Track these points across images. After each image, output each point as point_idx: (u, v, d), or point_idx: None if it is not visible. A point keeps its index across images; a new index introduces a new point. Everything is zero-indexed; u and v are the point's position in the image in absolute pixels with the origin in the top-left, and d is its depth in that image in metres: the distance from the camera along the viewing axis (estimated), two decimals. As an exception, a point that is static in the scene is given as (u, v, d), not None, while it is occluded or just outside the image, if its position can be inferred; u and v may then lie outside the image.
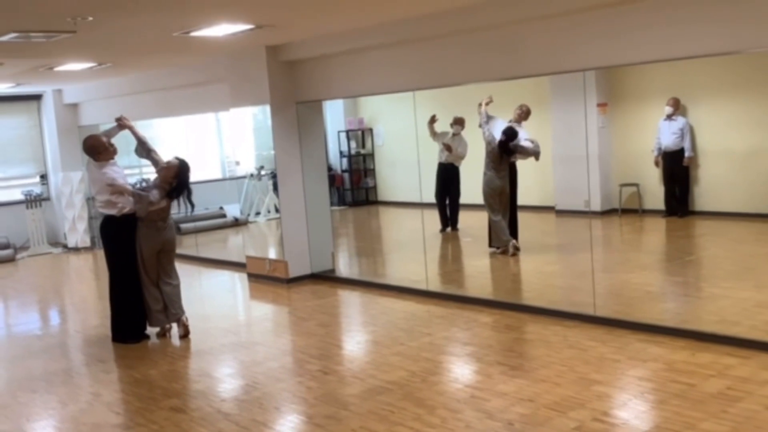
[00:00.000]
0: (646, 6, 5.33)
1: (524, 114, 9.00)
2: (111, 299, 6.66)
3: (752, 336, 5.32)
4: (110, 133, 6.77)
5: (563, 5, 5.69)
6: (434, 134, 10.39)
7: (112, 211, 6.43)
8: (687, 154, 10.46)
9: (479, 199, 8.98)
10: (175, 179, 6.51)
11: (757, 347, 5.12)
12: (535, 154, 8.82)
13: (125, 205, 6.42)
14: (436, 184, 10.60)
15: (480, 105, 8.88)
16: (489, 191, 8.76)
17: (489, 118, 8.76)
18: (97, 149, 6.53)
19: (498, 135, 8.64)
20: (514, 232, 8.91)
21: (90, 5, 5.15)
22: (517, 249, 8.74)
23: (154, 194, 6.41)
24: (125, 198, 6.42)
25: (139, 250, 6.49)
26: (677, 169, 10.55)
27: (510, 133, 8.58)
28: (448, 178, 10.55)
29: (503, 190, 8.76)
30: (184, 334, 6.60)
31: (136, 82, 10.61)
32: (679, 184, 10.64)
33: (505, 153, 8.64)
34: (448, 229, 10.63)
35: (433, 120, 10.33)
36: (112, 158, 6.60)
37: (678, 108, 10.46)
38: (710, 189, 10.52)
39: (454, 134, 10.35)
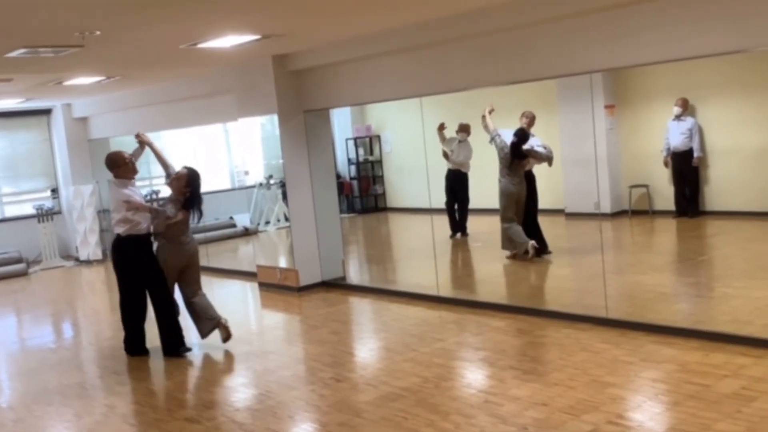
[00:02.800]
0: (651, 7, 5.33)
1: (530, 121, 8.87)
2: (124, 315, 6.61)
3: (766, 335, 5.29)
4: (135, 155, 6.73)
5: (569, 8, 5.69)
6: (443, 140, 10.48)
7: (125, 228, 6.35)
8: (696, 154, 10.42)
9: (488, 204, 8.99)
10: (187, 188, 6.49)
11: (771, 346, 5.10)
12: (548, 159, 8.73)
13: (142, 221, 6.38)
14: (445, 190, 10.64)
15: (483, 117, 8.82)
16: (503, 198, 8.65)
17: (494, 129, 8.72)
18: (116, 163, 6.50)
19: (509, 140, 8.60)
20: (540, 237, 8.72)
21: (97, 19, 5.19)
22: (537, 249, 8.47)
23: (170, 209, 6.40)
24: (142, 214, 6.39)
25: (165, 268, 6.44)
26: (687, 169, 10.51)
27: (521, 135, 8.51)
28: (456, 183, 10.59)
29: (519, 197, 8.63)
30: (227, 338, 6.55)
31: (144, 95, 10.68)
32: (689, 185, 10.59)
33: (517, 157, 8.55)
34: (458, 235, 10.64)
35: (442, 127, 10.43)
36: (132, 177, 6.55)
37: (686, 108, 10.43)
38: (720, 189, 10.48)
39: (459, 141, 10.43)
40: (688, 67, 9.64)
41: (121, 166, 6.50)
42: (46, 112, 12.74)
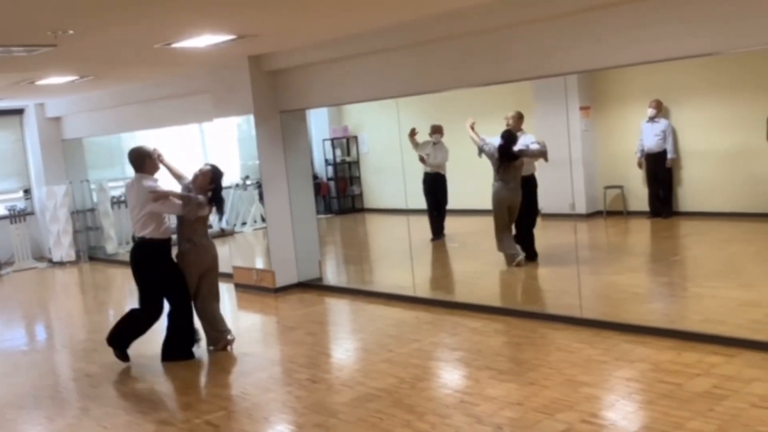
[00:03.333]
0: (625, 10, 5.38)
1: (514, 121, 8.50)
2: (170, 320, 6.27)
3: (737, 334, 5.36)
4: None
5: (544, 10, 5.74)
6: (416, 145, 10.35)
7: (149, 229, 6.03)
8: (669, 155, 10.54)
9: (466, 205, 8.94)
10: (211, 185, 6.27)
11: (743, 345, 5.16)
12: (543, 154, 8.28)
13: (171, 211, 6.07)
14: (424, 194, 10.48)
15: (471, 130, 8.49)
16: (496, 203, 8.32)
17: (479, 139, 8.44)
18: (143, 157, 6.21)
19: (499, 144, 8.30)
20: (530, 245, 8.51)
21: (70, 18, 5.14)
22: (520, 263, 8.25)
23: (201, 197, 6.14)
24: (170, 203, 6.05)
25: (188, 273, 6.21)
26: (660, 170, 10.63)
27: (508, 137, 8.20)
28: (434, 186, 10.45)
29: (512, 203, 8.27)
30: (222, 348, 6.41)
31: (119, 95, 10.58)
32: (663, 186, 10.72)
33: (506, 158, 8.17)
34: (440, 238, 10.49)
35: (413, 133, 10.25)
36: (155, 173, 6.28)
37: (660, 110, 10.55)
38: (693, 190, 10.61)
39: (434, 143, 10.35)
40: (662, 70, 9.77)
41: (147, 161, 6.21)
42: (19, 111, 12.58)
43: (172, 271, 6.19)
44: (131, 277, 6.35)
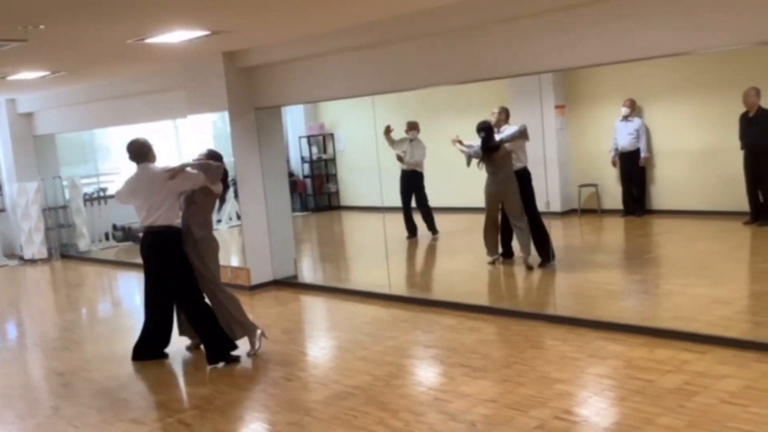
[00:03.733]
0: (599, 9, 5.42)
1: (497, 118, 8.22)
2: (196, 320, 6.00)
3: (708, 331, 5.43)
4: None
5: (518, 9, 5.76)
6: (392, 143, 10.29)
7: (174, 216, 5.81)
8: (643, 154, 10.64)
9: (445, 203, 8.85)
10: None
11: (713, 342, 5.22)
12: (521, 133, 7.95)
13: (195, 183, 5.80)
14: (400, 192, 10.46)
15: (460, 144, 8.31)
16: (486, 197, 8.20)
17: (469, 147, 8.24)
18: (148, 147, 5.98)
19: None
20: (545, 245, 8.02)
21: (41, 13, 5.07)
22: (495, 262, 8.19)
23: (214, 162, 5.91)
24: (191, 175, 5.78)
25: (212, 263, 5.96)
26: (634, 169, 10.73)
27: (484, 127, 7.99)
28: (411, 184, 10.42)
29: (503, 195, 8.05)
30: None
31: (92, 91, 10.46)
32: (636, 184, 10.82)
33: (488, 151, 7.96)
34: (416, 237, 10.43)
35: (388, 130, 10.16)
36: (155, 163, 6.06)
37: (634, 109, 10.64)
38: (666, 188, 10.72)
39: (411, 140, 10.33)
40: (635, 69, 9.85)
41: (151, 150, 5.98)
42: (-11, 107, 12.39)
43: (187, 264, 5.92)
44: (102, 275, 6.27)
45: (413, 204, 10.53)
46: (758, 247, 8.84)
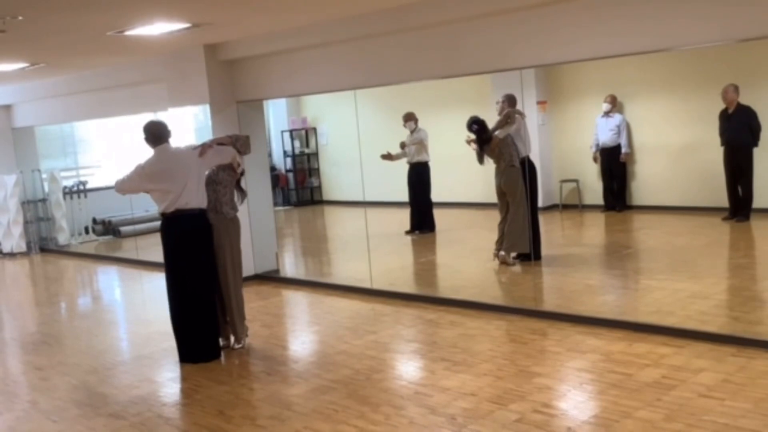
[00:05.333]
0: (579, 5, 5.45)
1: (503, 104, 8.05)
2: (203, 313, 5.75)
3: (686, 326, 5.49)
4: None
5: (499, 5, 5.77)
6: (402, 148, 10.17)
7: (205, 198, 5.65)
8: (624, 150, 10.71)
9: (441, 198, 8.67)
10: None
11: (691, 336, 5.27)
12: (507, 117, 7.81)
13: (228, 157, 5.70)
14: (408, 186, 10.34)
15: (473, 143, 8.10)
16: (496, 190, 8.07)
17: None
18: (167, 127, 5.75)
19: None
20: (536, 238, 7.87)
21: (19, 4, 5.01)
22: (505, 262, 7.91)
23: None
24: (222, 149, 5.70)
25: (237, 251, 5.92)
26: (614, 165, 10.80)
27: (475, 120, 7.96)
28: (414, 178, 10.26)
29: (505, 186, 7.86)
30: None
31: (72, 83, 10.35)
32: (617, 180, 10.90)
33: (483, 143, 7.90)
34: (417, 232, 10.26)
35: (389, 156, 10.17)
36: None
37: (615, 105, 10.71)
38: (646, 184, 10.80)
39: (411, 131, 10.20)
40: (616, 65, 9.90)
41: (169, 131, 5.75)
42: (-33, 99, 12.24)
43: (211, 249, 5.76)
44: (82, 269, 6.21)
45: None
46: (736, 243, 8.94)
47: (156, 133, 5.69)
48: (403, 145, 10.22)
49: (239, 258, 6.01)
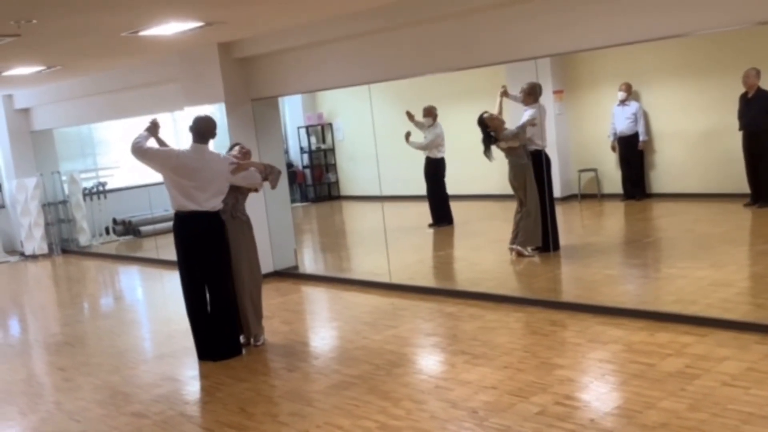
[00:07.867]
0: (593, -8, 5.39)
1: (526, 94, 8.03)
2: (219, 313, 5.77)
3: (709, 314, 5.43)
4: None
5: (513, -6, 5.72)
6: (419, 125, 10.16)
7: (217, 201, 5.68)
8: (641, 138, 10.61)
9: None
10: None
11: (714, 325, 5.22)
12: (513, 135, 7.77)
13: (253, 182, 5.85)
14: (425, 179, 10.34)
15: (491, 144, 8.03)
16: (509, 183, 8.04)
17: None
18: (213, 129, 5.81)
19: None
20: (552, 233, 7.81)
21: (33, 7, 5.04)
22: (521, 255, 7.86)
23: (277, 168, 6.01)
24: (253, 175, 5.80)
25: (254, 252, 6.01)
26: (632, 153, 10.70)
27: (480, 122, 8.00)
28: (429, 171, 10.28)
29: (514, 181, 7.89)
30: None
31: (88, 85, 10.42)
32: (635, 168, 10.79)
33: (489, 142, 7.92)
34: (437, 225, 10.24)
35: (410, 116, 10.13)
36: None
37: (630, 93, 10.61)
38: (665, 171, 10.69)
39: (428, 126, 10.18)
40: (632, 53, 9.81)
41: (214, 133, 5.80)
42: (-14, 103, 12.36)
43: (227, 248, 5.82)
44: (104, 269, 6.25)
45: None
46: (758, 229, 8.82)
47: (200, 131, 5.77)
48: (408, 136, 10.14)
49: (256, 258, 6.08)
